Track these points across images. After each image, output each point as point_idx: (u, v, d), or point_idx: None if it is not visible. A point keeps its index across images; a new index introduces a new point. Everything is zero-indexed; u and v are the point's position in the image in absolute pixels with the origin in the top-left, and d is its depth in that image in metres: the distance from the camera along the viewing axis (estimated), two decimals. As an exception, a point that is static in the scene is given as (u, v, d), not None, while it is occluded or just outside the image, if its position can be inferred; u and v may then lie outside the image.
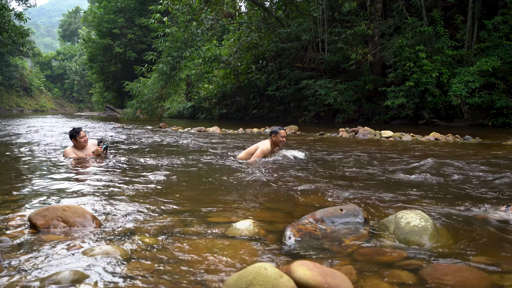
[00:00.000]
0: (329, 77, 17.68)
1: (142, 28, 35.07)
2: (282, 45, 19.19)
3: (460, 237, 2.00)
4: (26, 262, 1.64)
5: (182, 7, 18.78)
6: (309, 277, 1.31)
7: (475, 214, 2.48)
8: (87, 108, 66.78)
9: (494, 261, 1.68)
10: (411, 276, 1.52)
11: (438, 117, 14.21)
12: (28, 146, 7.11)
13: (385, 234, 2.03)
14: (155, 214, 2.46)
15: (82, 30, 48.63)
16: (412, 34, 14.62)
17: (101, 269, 1.57)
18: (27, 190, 3.26)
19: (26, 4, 37.51)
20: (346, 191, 3.24)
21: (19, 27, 26.67)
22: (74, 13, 71.92)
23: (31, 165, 4.89)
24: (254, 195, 3.24)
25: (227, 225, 2.20)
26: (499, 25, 13.16)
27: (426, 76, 13.48)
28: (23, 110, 54.48)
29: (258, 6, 20.54)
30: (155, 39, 20.66)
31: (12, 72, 54.98)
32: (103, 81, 40.94)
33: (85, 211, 2.23)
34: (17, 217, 2.34)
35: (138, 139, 8.95)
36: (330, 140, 8.79)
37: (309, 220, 2.13)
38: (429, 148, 6.79)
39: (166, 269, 1.59)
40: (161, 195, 3.08)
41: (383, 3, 16.38)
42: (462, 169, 4.36)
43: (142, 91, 22.01)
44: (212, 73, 23.87)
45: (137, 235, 2.04)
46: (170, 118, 26.02)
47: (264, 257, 1.74)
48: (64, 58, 69.34)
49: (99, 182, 3.63)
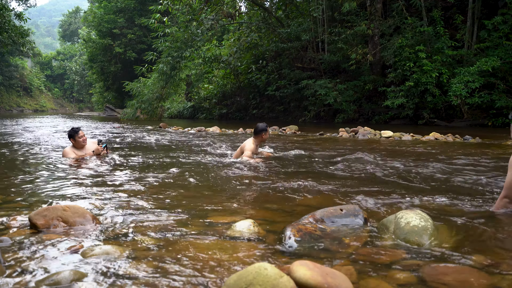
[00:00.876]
0: (329, 77, 17.68)
1: (142, 28, 35.08)
2: (282, 45, 19.19)
3: (460, 237, 2.00)
4: (26, 262, 1.64)
5: (182, 7, 18.78)
6: (309, 277, 1.31)
7: (475, 214, 2.48)
8: (87, 108, 66.78)
9: (494, 261, 1.68)
10: (411, 276, 1.52)
11: (438, 117, 14.21)
12: (28, 146, 7.11)
13: (385, 234, 2.03)
14: (155, 214, 2.46)
15: (82, 30, 48.65)
16: (412, 34, 14.61)
17: (101, 269, 1.57)
18: (27, 190, 3.26)
19: (26, 4, 37.54)
20: (346, 191, 3.24)
21: (19, 27, 26.67)
22: (74, 13, 71.94)
23: (31, 165, 4.89)
24: (254, 195, 3.24)
25: (227, 225, 2.20)
26: (499, 25, 13.16)
27: (426, 76, 13.48)
28: (23, 110, 54.48)
29: (258, 6, 20.53)
30: (155, 39, 20.66)
31: (12, 72, 54.99)
32: (103, 81, 40.95)
33: (85, 211, 2.23)
34: (17, 217, 2.34)
35: (138, 139, 8.95)
36: (330, 140, 8.79)
37: (309, 220, 2.13)
38: (429, 148, 6.79)
39: (166, 269, 1.59)
40: (161, 195, 3.08)
41: (383, 3, 16.38)
42: (463, 169, 4.36)
43: (142, 91, 22.01)
44: (212, 73, 23.87)
45: (137, 235, 2.04)
46: (170, 118, 26.02)
47: (264, 257, 1.74)
48: (64, 58, 69.34)
49: (99, 182, 3.63)
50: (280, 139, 8.88)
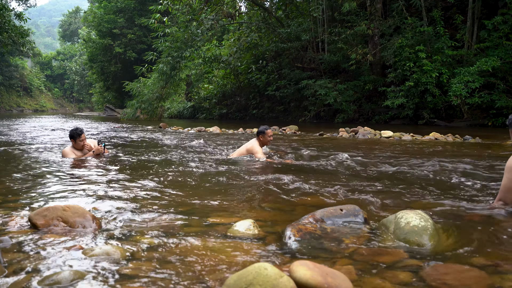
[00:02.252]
0: (329, 77, 17.68)
1: (142, 28, 35.09)
2: (282, 45, 19.19)
3: (460, 237, 2.00)
4: (26, 262, 1.64)
5: (182, 7, 18.79)
6: (309, 277, 1.31)
7: (475, 214, 2.48)
8: (87, 108, 66.79)
9: (494, 261, 1.68)
10: (411, 276, 1.52)
11: (438, 117, 14.22)
12: (28, 146, 7.11)
13: (385, 234, 2.03)
14: (155, 214, 2.46)
15: (82, 30, 48.68)
16: (412, 34, 14.62)
17: (101, 269, 1.57)
18: (27, 190, 3.26)
19: (26, 4, 37.56)
20: (346, 191, 3.24)
21: (19, 27, 26.68)
22: (74, 13, 71.94)
23: (31, 165, 4.89)
24: (254, 195, 3.24)
25: (227, 225, 2.20)
26: (499, 25, 13.16)
27: (426, 76, 13.48)
28: (23, 110, 54.49)
29: (258, 6, 20.54)
30: (155, 39, 20.67)
31: (12, 72, 54.99)
32: (103, 81, 40.97)
33: (85, 211, 2.23)
34: (17, 217, 2.34)
35: (138, 139, 8.95)
36: (330, 140, 8.79)
37: (309, 220, 2.13)
38: (429, 148, 6.79)
39: (166, 269, 1.59)
40: (161, 195, 3.08)
41: (383, 3, 16.38)
42: (462, 169, 4.36)
43: (142, 91, 22.02)
44: (212, 73, 23.88)
45: (137, 235, 2.04)
46: (170, 118, 26.02)
47: (264, 257, 1.75)
48: (64, 58, 69.35)
49: (99, 182, 3.63)
50: (280, 139, 8.88)
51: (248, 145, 5.35)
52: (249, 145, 5.32)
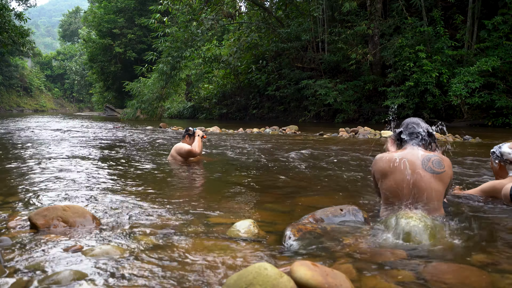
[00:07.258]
0: (329, 77, 17.68)
1: (142, 28, 35.10)
2: (282, 45, 19.19)
3: (460, 236, 2.00)
4: (26, 262, 1.64)
5: (182, 7, 18.79)
6: (309, 277, 1.31)
7: (475, 213, 2.48)
8: (87, 108, 66.81)
9: (494, 260, 1.68)
10: (411, 276, 1.52)
11: (438, 117, 14.21)
12: (28, 146, 7.11)
13: (385, 233, 2.03)
14: (155, 214, 2.46)
15: (82, 30, 48.69)
16: (412, 34, 14.62)
17: (101, 269, 1.57)
18: (27, 190, 3.26)
19: (26, 4, 37.55)
20: (346, 191, 3.24)
21: (19, 27, 26.68)
22: (74, 13, 71.98)
23: (30, 165, 4.89)
24: (254, 195, 3.24)
25: (227, 225, 2.20)
26: (499, 25, 13.17)
27: (426, 76, 13.48)
28: (23, 110, 54.50)
29: (258, 6, 20.54)
30: (155, 39, 20.67)
31: (12, 72, 55.01)
32: (103, 81, 40.98)
33: (85, 211, 2.23)
34: (17, 217, 2.34)
35: (138, 139, 8.95)
36: (330, 140, 8.79)
37: (309, 220, 2.13)
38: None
39: (166, 269, 1.59)
40: (161, 195, 3.08)
41: (383, 3, 16.39)
42: (462, 169, 4.36)
43: (142, 91, 22.04)
44: (212, 73, 23.88)
45: (137, 235, 2.04)
46: (170, 118, 26.02)
47: (264, 257, 1.75)
48: (64, 58, 69.37)
49: (99, 182, 3.63)
50: (280, 139, 8.88)
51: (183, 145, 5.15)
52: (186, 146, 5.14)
